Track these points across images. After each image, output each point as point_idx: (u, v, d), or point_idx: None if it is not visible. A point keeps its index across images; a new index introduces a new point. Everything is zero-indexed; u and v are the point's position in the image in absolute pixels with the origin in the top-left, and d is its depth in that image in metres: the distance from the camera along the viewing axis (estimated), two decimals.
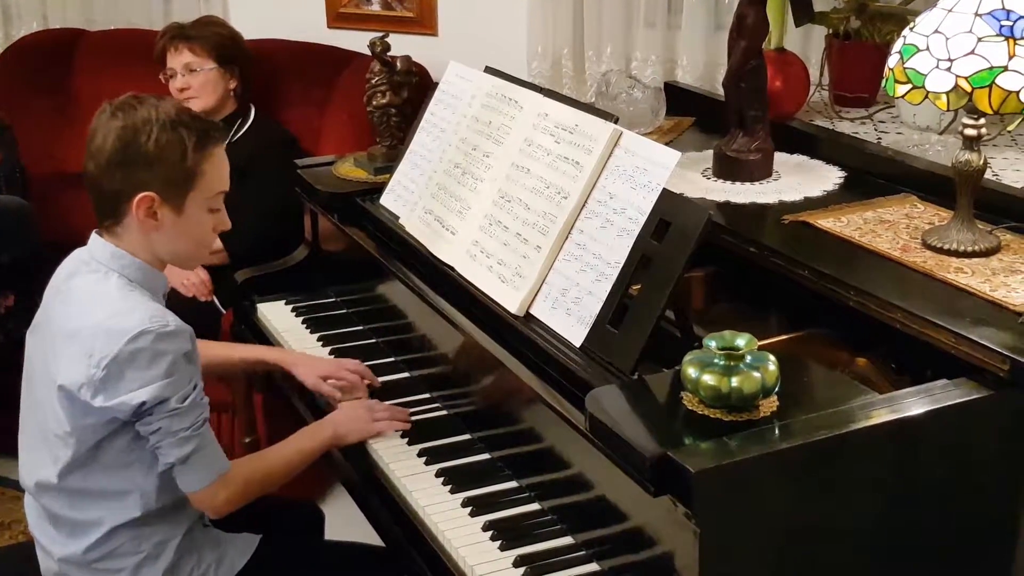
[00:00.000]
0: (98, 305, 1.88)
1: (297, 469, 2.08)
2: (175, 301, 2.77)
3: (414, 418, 2.20)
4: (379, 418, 2.16)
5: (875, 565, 1.62)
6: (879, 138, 2.62)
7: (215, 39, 3.31)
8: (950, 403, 1.59)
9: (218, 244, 3.13)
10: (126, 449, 1.90)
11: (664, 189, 1.83)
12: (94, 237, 1.96)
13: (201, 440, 1.88)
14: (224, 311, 3.06)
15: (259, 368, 2.45)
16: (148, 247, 1.94)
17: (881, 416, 1.57)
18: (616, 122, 1.99)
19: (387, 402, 2.24)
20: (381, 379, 2.34)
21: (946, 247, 1.92)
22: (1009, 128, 2.51)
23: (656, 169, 1.86)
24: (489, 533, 1.86)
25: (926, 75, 1.81)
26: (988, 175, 2.03)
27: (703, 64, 3.23)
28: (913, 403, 1.60)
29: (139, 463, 1.91)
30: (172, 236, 1.93)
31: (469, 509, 1.92)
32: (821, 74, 2.88)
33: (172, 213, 1.91)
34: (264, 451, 2.11)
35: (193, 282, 3.10)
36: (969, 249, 1.91)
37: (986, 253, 1.91)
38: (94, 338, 1.83)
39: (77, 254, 1.99)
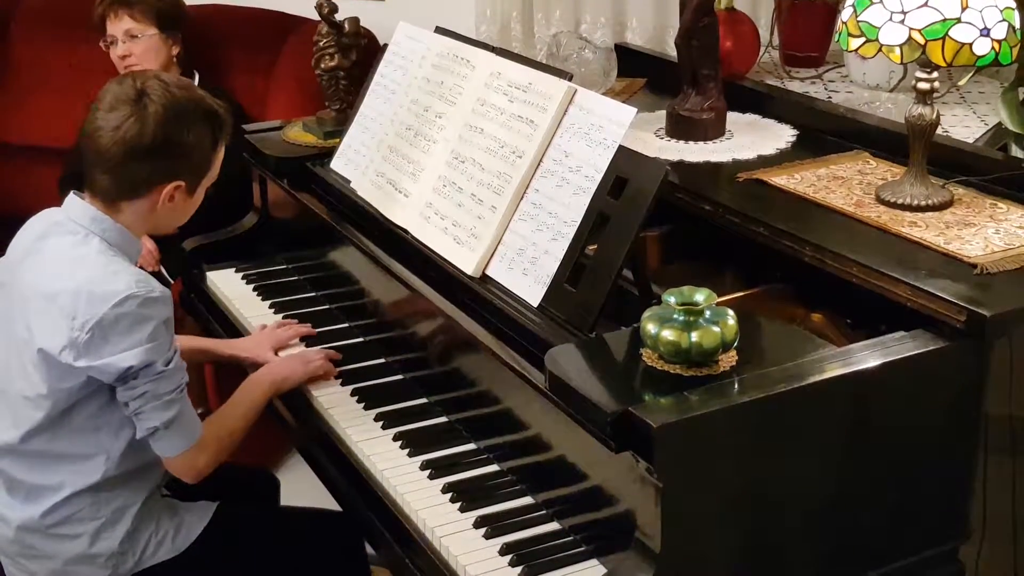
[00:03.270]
0: (79, 267, 1.85)
1: (252, 421, 2.08)
2: None
3: (370, 383, 2.18)
4: (312, 359, 2.19)
5: (834, 516, 1.63)
6: (829, 97, 2.63)
7: (156, 4, 3.23)
8: (908, 354, 1.60)
9: None
10: (97, 413, 1.89)
11: (620, 146, 1.82)
12: (73, 198, 1.93)
13: (183, 404, 1.88)
14: (172, 281, 3.01)
15: (203, 358, 2.45)
16: (147, 221, 1.94)
17: (841, 368, 1.57)
18: (570, 80, 1.97)
19: (342, 368, 2.23)
20: (336, 345, 2.31)
21: (900, 202, 1.93)
22: (960, 83, 2.53)
23: (612, 126, 1.85)
24: (449, 495, 1.85)
25: (879, 28, 1.81)
26: (938, 131, 2.04)
27: (653, 26, 3.22)
28: (871, 355, 1.60)
29: (108, 427, 1.90)
30: (174, 214, 1.96)
31: (428, 472, 1.91)
32: (771, 34, 2.88)
33: (187, 196, 1.94)
34: (217, 413, 2.08)
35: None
36: (923, 203, 1.92)
37: (939, 207, 1.92)
38: (76, 301, 1.80)
39: (48, 215, 1.96)
